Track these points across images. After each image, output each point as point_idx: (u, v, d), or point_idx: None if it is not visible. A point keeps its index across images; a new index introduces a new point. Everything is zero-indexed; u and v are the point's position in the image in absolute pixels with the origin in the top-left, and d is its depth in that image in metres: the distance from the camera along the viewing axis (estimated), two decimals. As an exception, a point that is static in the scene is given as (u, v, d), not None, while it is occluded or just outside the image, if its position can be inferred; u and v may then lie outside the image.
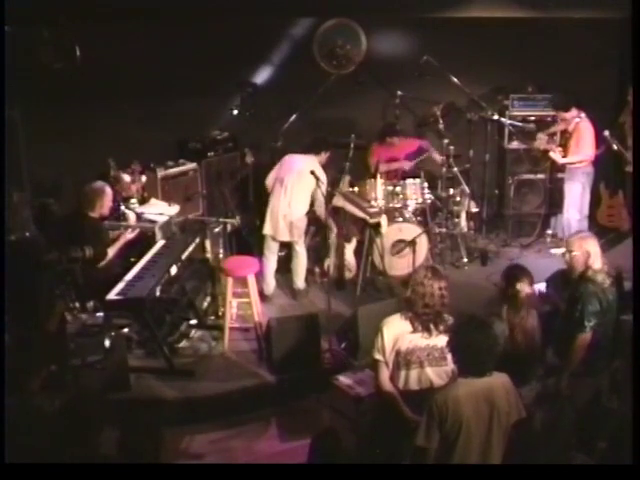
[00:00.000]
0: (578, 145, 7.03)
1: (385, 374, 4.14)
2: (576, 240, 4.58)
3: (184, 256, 5.89)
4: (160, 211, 6.58)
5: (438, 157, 7.33)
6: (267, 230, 6.58)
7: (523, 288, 4.29)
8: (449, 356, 3.85)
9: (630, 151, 7.13)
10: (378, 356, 4.15)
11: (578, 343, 4.40)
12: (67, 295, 5.61)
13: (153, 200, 6.90)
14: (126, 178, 6.61)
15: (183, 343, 5.95)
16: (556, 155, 7.18)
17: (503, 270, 4.79)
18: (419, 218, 7.14)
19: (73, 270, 5.41)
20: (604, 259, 4.55)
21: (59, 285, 5.54)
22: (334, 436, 3.60)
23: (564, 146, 7.24)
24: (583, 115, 7.04)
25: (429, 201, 7.18)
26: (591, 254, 4.44)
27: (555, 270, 6.03)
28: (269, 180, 6.70)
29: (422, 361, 4.09)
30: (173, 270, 5.63)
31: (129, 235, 5.89)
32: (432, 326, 4.10)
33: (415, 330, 4.09)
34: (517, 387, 4.21)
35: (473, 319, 3.72)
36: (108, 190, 5.82)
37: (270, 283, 6.72)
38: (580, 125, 7.04)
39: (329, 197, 6.58)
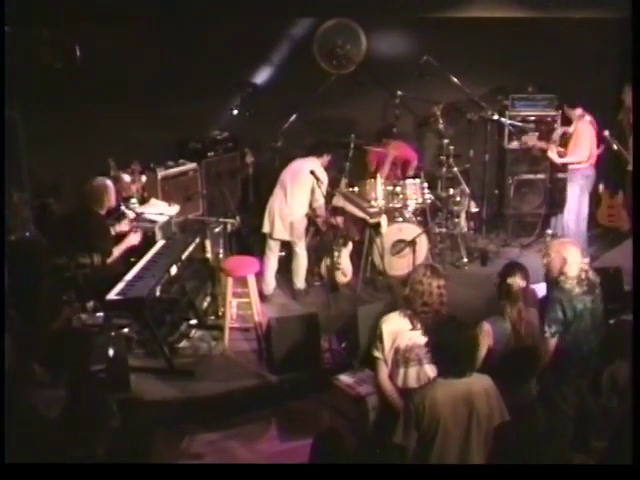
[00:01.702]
0: (575, 146, 7.03)
1: (384, 372, 4.14)
2: (555, 244, 4.55)
3: (184, 256, 5.88)
4: (160, 211, 6.57)
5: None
6: (265, 228, 6.60)
7: (515, 281, 4.28)
8: None
9: (629, 150, 7.15)
10: (377, 354, 4.15)
11: (541, 347, 4.37)
12: (74, 302, 5.63)
13: (153, 200, 6.89)
14: (126, 178, 6.60)
15: (183, 343, 5.95)
16: (553, 154, 7.19)
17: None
18: (419, 218, 7.14)
19: (77, 275, 5.43)
20: (584, 267, 4.42)
21: (66, 291, 5.57)
22: (336, 437, 3.58)
23: (565, 146, 7.25)
24: (588, 117, 7.03)
25: (429, 201, 7.18)
26: (567, 261, 4.35)
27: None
28: None
29: (421, 358, 4.09)
30: (173, 270, 5.62)
31: (134, 240, 5.85)
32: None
33: (414, 327, 4.09)
34: (518, 385, 4.23)
35: (453, 320, 3.70)
36: (110, 184, 5.85)
37: (270, 283, 6.72)
38: (578, 126, 7.04)
39: (329, 197, 6.59)
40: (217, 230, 6.72)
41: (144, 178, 6.99)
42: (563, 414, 4.41)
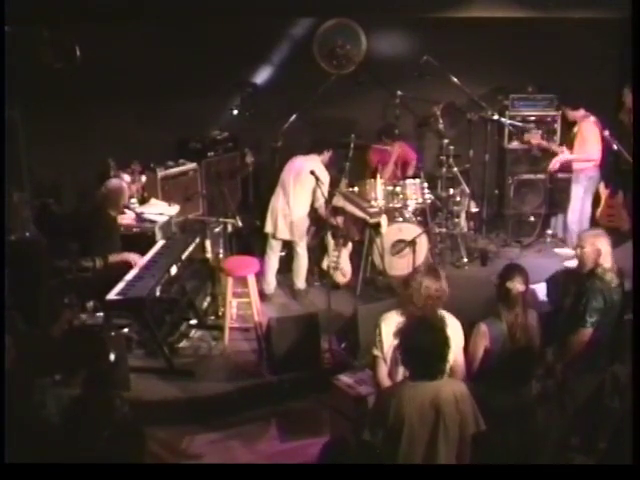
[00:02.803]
0: (583, 145, 7.04)
1: (383, 370, 4.12)
2: (589, 237, 4.65)
3: (184, 256, 5.88)
4: (160, 211, 6.59)
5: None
6: (267, 228, 6.61)
7: (514, 286, 4.27)
8: None
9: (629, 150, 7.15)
10: (376, 352, 4.14)
11: (577, 337, 4.45)
12: (76, 305, 5.63)
13: (153, 200, 6.90)
14: (126, 178, 6.61)
15: (183, 343, 5.95)
16: (565, 152, 7.18)
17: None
18: (419, 218, 7.14)
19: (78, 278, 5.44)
20: (613, 259, 4.59)
21: (67, 294, 5.55)
22: (344, 446, 3.54)
23: (569, 145, 7.25)
24: (592, 118, 7.03)
25: (429, 201, 7.18)
26: (602, 252, 4.52)
27: (555, 270, 6.05)
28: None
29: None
30: (173, 270, 5.62)
31: (140, 261, 5.72)
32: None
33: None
34: (517, 387, 4.23)
35: (423, 321, 3.66)
36: (125, 185, 5.95)
37: (270, 283, 6.72)
38: (582, 125, 7.05)
39: (329, 197, 6.59)
40: (217, 230, 6.73)
41: (144, 178, 7.00)
42: (570, 405, 4.44)
